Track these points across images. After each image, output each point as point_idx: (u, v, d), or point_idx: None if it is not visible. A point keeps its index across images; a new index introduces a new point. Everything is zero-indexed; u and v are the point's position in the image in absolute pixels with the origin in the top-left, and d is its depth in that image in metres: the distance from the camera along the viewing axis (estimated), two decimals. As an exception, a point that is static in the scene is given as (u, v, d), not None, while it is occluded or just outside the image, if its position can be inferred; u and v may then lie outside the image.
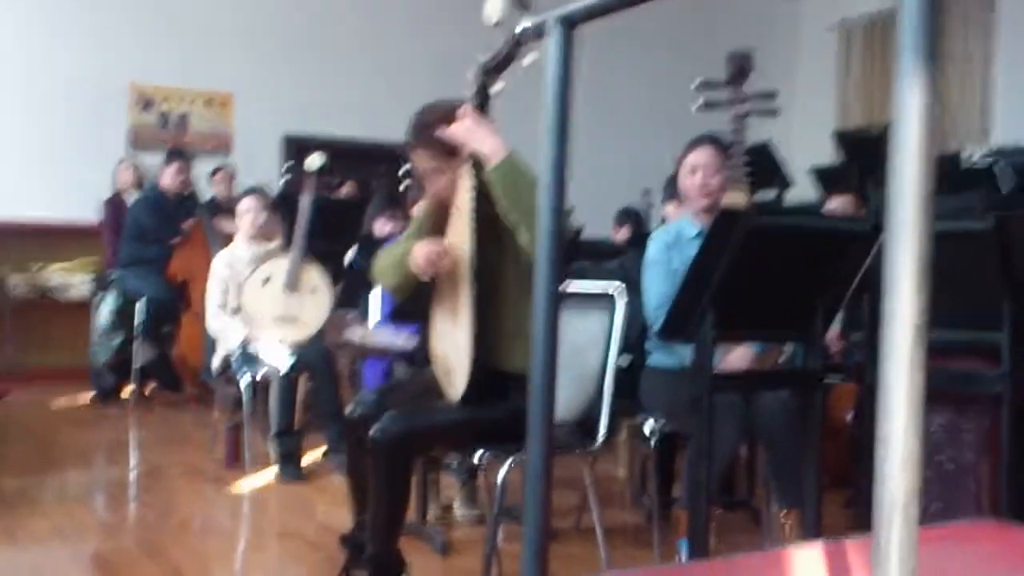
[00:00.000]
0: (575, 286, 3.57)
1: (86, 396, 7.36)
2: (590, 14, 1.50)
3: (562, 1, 1.55)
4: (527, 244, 2.87)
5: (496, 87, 2.91)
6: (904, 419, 0.97)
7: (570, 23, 1.55)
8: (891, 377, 0.97)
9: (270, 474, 5.04)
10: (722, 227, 2.66)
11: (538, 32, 1.57)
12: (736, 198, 3.63)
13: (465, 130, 2.95)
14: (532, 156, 1.68)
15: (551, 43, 1.57)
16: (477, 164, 2.97)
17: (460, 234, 3.07)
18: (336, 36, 9.55)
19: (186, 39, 8.95)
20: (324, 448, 5.35)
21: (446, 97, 3.20)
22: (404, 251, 3.18)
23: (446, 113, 3.08)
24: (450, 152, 3.08)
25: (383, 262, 3.34)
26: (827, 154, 8.96)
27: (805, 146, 9.92)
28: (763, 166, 7.50)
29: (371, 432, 2.97)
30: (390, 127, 3.40)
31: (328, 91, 9.41)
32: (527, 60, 2.67)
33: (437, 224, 3.22)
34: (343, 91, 9.46)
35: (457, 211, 3.12)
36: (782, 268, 2.77)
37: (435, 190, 3.21)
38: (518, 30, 1.63)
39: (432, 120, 3.11)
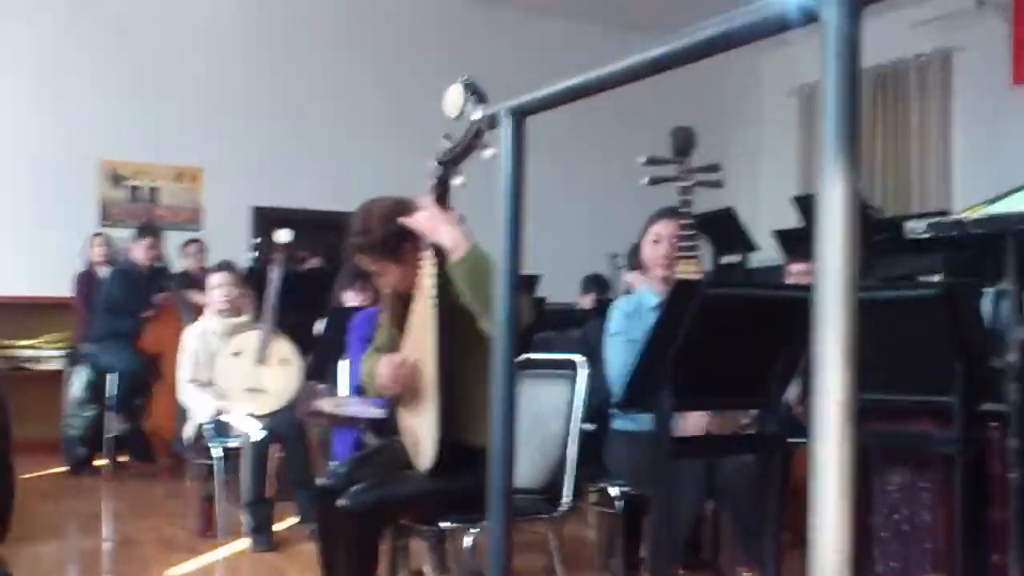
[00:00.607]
0: (539, 356, 3.64)
1: (59, 468, 7.33)
2: (541, 105, 1.58)
3: (518, 92, 1.64)
4: (490, 331, 2.92)
5: (456, 180, 2.94)
6: (835, 490, 1.00)
7: (521, 113, 1.64)
8: (820, 452, 1.00)
9: (242, 543, 5.07)
10: (678, 297, 2.75)
11: (491, 122, 1.65)
12: (689, 269, 3.71)
13: (427, 221, 3.00)
14: (490, 231, 1.75)
15: (502, 133, 1.65)
16: (438, 252, 3.03)
17: (423, 318, 3.14)
18: (304, 110, 9.67)
19: (155, 114, 9.05)
20: (296, 517, 5.37)
21: (415, 170, 3.29)
22: (369, 371, 3.29)
23: (387, 212, 3.20)
24: (394, 250, 3.20)
25: (367, 371, 3.40)
26: (793, 217, 9.10)
27: (770, 209, 10.06)
28: (726, 231, 7.64)
29: (341, 501, 3.02)
30: (358, 199, 3.48)
31: (296, 164, 9.52)
32: (488, 153, 2.55)
33: (398, 312, 3.30)
34: (311, 164, 9.57)
35: (420, 294, 3.18)
36: (738, 334, 2.85)
37: (384, 285, 3.33)
38: (473, 119, 1.71)
39: (372, 224, 3.23)
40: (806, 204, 8.26)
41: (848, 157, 1.01)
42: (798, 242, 6.91)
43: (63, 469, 7.36)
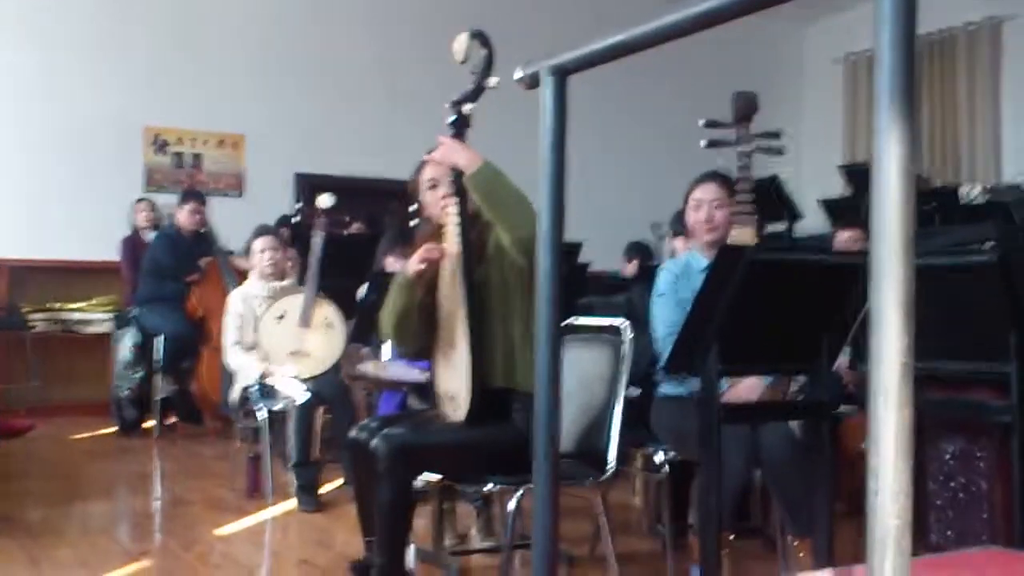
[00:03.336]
0: (583, 320, 3.63)
1: (108, 429, 7.44)
2: (583, 63, 1.55)
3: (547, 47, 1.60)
4: (510, 245, 3.03)
5: (466, 108, 3.27)
6: (894, 452, 0.99)
7: (563, 72, 1.60)
8: (880, 412, 0.98)
9: (289, 504, 5.11)
10: (726, 261, 2.71)
11: (532, 82, 1.62)
12: (744, 234, 3.67)
13: (444, 150, 3.22)
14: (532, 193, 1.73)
15: (545, 93, 1.61)
16: (459, 187, 3.21)
17: (451, 264, 3.30)
18: (346, 76, 9.67)
19: (199, 82, 9.10)
20: (342, 478, 5.40)
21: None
22: (399, 275, 3.43)
23: None
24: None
25: (385, 310, 3.48)
26: (838, 186, 9.01)
27: (815, 179, 9.98)
28: (772, 200, 7.56)
29: (372, 443, 3.05)
30: (400, 165, 3.50)
31: (339, 130, 9.54)
32: (492, 82, 3.22)
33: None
34: (353, 130, 9.58)
35: (447, 237, 3.32)
36: (786, 301, 2.82)
37: (433, 201, 3.45)
38: (515, 77, 1.67)
39: None
40: (854, 173, 8.17)
41: (906, 105, 0.99)
42: (845, 210, 6.84)
43: (113, 430, 7.48)
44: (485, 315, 3.20)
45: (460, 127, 3.27)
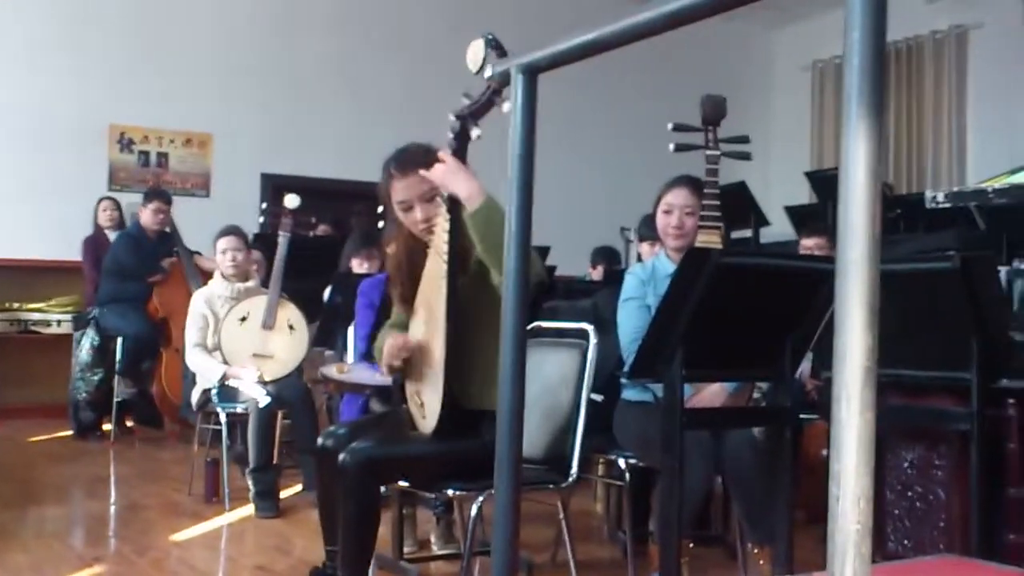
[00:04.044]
0: (548, 324, 3.61)
1: (65, 432, 7.35)
2: (554, 62, 1.53)
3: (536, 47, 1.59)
4: (499, 286, 2.91)
5: (474, 133, 2.94)
6: (856, 457, 0.98)
7: (532, 70, 1.59)
8: (842, 416, 0.97)
9: (248, 509, 5.06)
10: (692, 265, 2.70)
11: (503, 79, 1.61)
12: (710, 239, 3.67)
13: (445, 172, 2.99)
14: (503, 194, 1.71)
15: (515, 90, 1.60)
16: (453, 204, 3.02)
17: (434, 280, 3.12)
18: (315, 76, 9.63)
19: (166, 80, 9.02)
20: (302, 484, 5.35)
21: (423, 140, 3.29)
22: (379, 347, 3.27)
23: (428, 153, 3.16)
24: (428, 191, 3.17)
25: (379, 346, 3.36)
26: (805, 193, 9.06)
27: (782, 185, 10.04)
28: (739, 205, 7.58)
29: (340, 457, 3.00)
30: (367, 167, 3.47)
31: (306, 131, 9.49)
32: (507, 107, 2.56)
33: (411, 267, 3.27)
34: (321, 131, 9.54)
35: (433, 251, 3.15)
36: (751, 306, 2.81)
37: (409, 223, 3.27)
38: (486, 76, 1.66)
39: (418, 156, 3.20)
40: (819, 180, 8.21)
41: (874, 107, 0.99)
42: (810, 218, 6.87)
43: (70, 433, 7.37)
44: (463, 336, 3.08)
45: (462, 141, 3.00)
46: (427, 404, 3.13)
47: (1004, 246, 5.55)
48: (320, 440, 3.32)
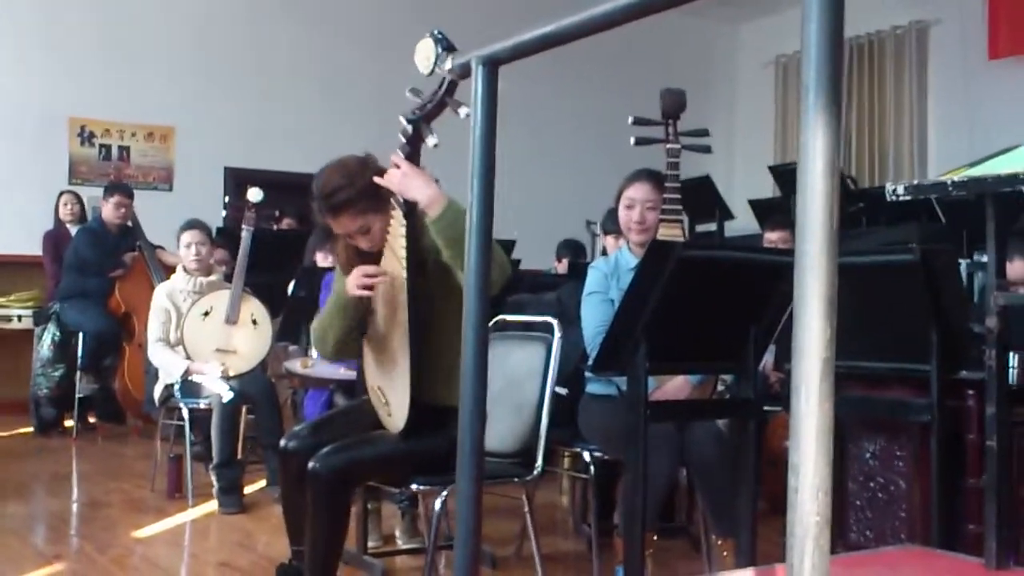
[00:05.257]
0: (513, 318, 3.61)
1: (26, 429, 7.28)
2: (514, 54, 1.53)
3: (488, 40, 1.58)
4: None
5: (430, 141, 2.84)
6: (814, 449, 0.99)
7: (494, 63, 1.58)
8: (801, 407, 0.98)
9: (211, 505, 5.03)
10: (655, 258, 2.70)
11: (463, 72, 1.60)
12: (672, 232, 3.67)
13: (401, 178, 2.94)
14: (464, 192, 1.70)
15: (475, 83, 1.59)
16: (411, 209, 2.97)
17: (392, 272, 3.09)
18: (278, 69, 9.57)
19: (127, 73, 8.93)
20: (265, 480, 5.33)
21: (390, 135, 3.20)
22: (336, 296, 3.20)
23: (364, 166, 3.11)
24: (378, 199, 3.08)
25: (319, 325, 3.32)
26: (769, 187, 9.11)
27: (747, 179, 10.10)
28: (703, 199, 7.62)
29: (310, 465, 2.98)
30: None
31: (270, 125, 9.42)
32: (463, 112, 2.32)
33: (362, 263, 3.22)
34: (285, 125, 9.47)
35: (390, 253, 3.11)
36: (714, 299, 2.82)
37: (370, 240, 3.18)
38: (445, 69, 1.65)
39: (345, 190, 3.10)
40: (783, 173, 8.26)
41: (831, 98, 1.00)
42: (774, 211, 6.92)
43: (31, 429, 7.29)
44: (428, 334, 3.04)
45: (415, 144, 2.91)
46: (392, 403, 3.11)
47: (964, 240, 5.63)
48: (283, 442, 3.29)
